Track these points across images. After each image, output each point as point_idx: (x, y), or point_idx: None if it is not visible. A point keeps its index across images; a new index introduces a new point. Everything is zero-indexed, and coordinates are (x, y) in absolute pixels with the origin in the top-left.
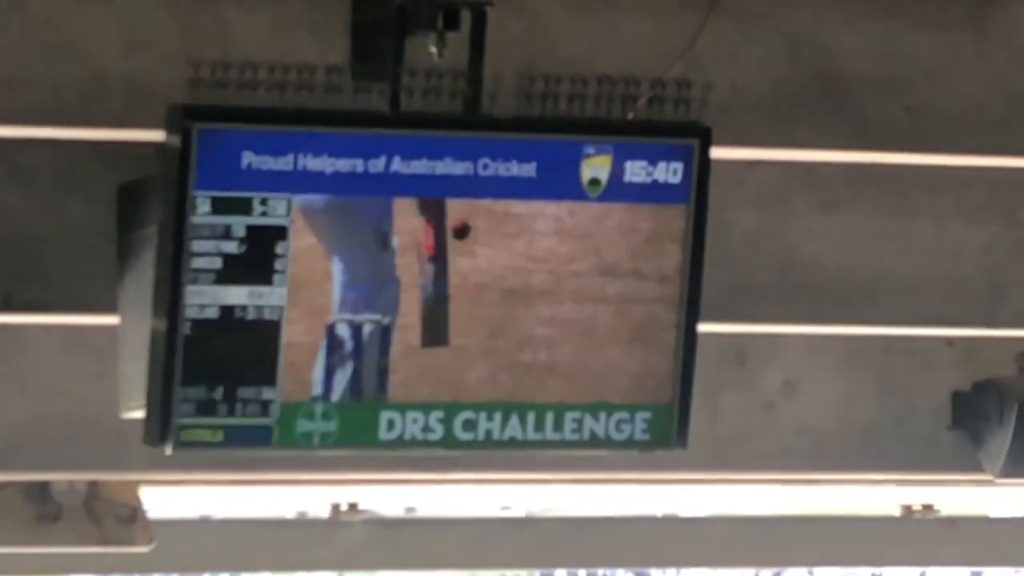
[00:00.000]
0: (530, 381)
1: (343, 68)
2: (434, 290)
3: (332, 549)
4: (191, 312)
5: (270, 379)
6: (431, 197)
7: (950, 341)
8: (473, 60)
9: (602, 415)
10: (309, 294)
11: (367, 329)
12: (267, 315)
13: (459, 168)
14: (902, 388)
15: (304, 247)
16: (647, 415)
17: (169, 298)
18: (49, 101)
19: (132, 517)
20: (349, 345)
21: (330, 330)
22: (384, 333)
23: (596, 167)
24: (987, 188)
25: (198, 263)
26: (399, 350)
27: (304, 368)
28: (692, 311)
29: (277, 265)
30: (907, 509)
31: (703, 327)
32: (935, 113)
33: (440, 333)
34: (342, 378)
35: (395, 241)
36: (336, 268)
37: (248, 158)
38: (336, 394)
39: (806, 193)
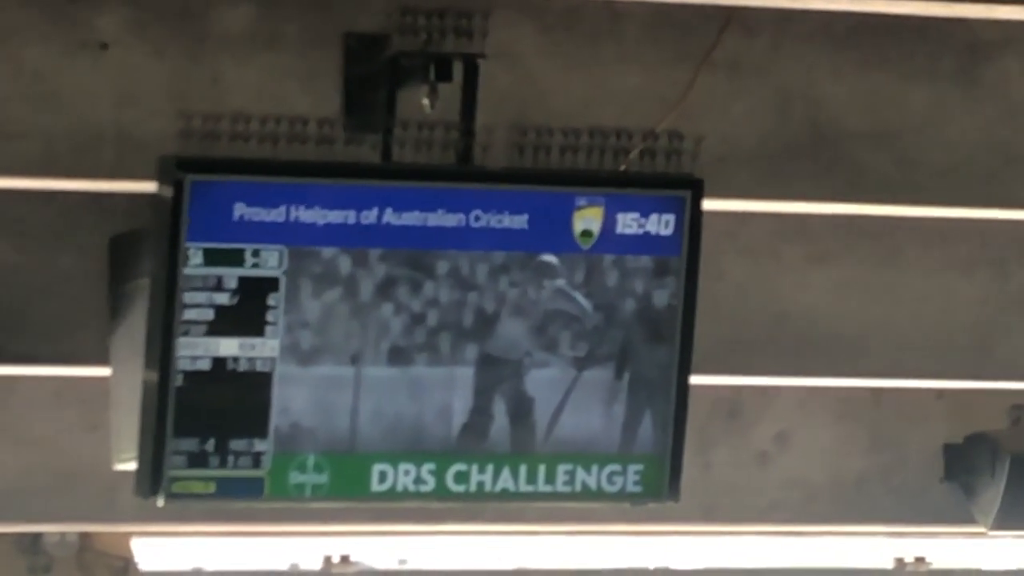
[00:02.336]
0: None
1: (335, 120)
2: None
3: None
4: (183, 364)
5: (262, 431)
6: (423, 249)
7: (940, 393)
8: (465, 112)
9: (594, 467)
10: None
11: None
12: (259, 366)
13: (451, 220)
14: (893, 440)
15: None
16: (639, 467)
17: (161, 350)
18: (41, 153)
19: (124, 569)
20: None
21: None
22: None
23: (588, 219)
24: (978, 240)
25: (190, 315)
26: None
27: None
28: (684, 363)
29: (269, 316)
30: (899, 562)
31: (695, 379)
32: (926, 165)
33: None
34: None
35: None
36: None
37: (240, 210)
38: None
39: (797, 245)
